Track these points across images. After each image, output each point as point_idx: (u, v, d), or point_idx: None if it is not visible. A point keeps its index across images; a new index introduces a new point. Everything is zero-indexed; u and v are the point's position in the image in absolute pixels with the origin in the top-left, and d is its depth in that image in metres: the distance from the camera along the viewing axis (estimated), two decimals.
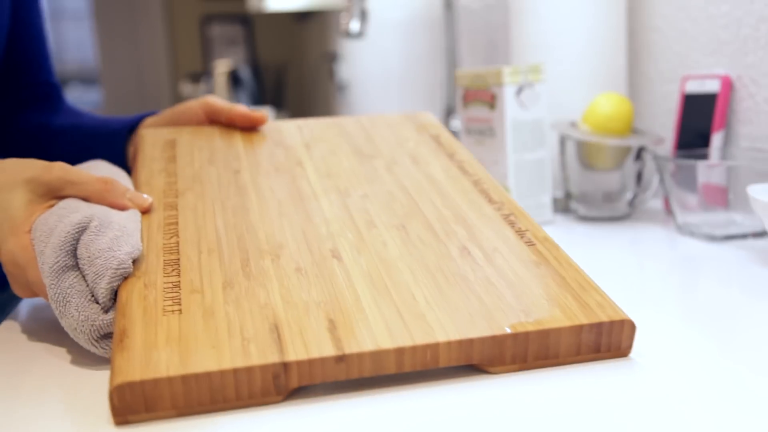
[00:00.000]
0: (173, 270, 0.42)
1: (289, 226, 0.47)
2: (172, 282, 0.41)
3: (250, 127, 0.64)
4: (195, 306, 0.39)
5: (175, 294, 0.40)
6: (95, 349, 0.41)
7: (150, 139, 0.59)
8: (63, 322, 0.42)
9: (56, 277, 0.41)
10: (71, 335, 0.42)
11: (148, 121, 0.68)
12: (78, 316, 0.41)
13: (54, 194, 0.47)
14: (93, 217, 0.43)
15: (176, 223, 0.47)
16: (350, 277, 0.42)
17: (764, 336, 0.42)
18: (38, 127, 0.76)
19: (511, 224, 0.48)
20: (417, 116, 0.66)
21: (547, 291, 0.41)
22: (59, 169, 0.48)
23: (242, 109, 0.65)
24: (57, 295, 0.41)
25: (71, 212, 0.44)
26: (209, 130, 0.62)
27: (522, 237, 0.47)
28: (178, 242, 0.45)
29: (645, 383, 0.37)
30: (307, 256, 0.44)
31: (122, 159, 0.69)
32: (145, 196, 0.49)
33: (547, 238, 0.47)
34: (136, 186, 0.52)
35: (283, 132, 0.62)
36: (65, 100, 0.80)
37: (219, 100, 0.66)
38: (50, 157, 0.75)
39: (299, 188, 0.52)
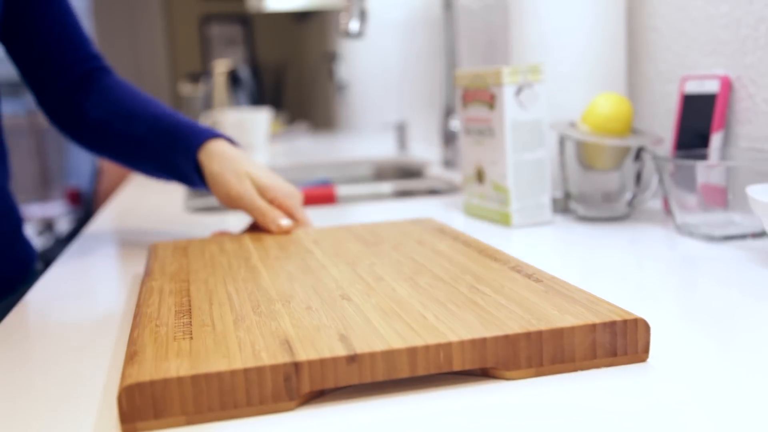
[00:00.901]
0: (184, 315, 0.44)
1: (300, 285, 0.49)
2: (183, 322, 0.43)
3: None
4: (206, 334, 0.40)
5: (186, 328, 0.41)
6: None
7: (162, 246, 0.65)
8: None
9: None
10: None
11: (207, 155, 0.73)
12: None
13: None
14: None
15: (188, 290, 0.50)
16: (361, 310, 0.43)
17: (765, 337, 0.42)
18: (100, 122, 0.78)
19: (518, 272, 0.50)
20: (420, 220, 0.71)
21: (557, 306, 0.42)
22: None
23: (279, 224, 0.69)
24: None
25: None
26: (219, 238, 0.68)
27: (529, 278, 0.48)
28: (189, 300, 0.47)
29: (658, 386, 0.37)
30: (317, 300, 0.46)
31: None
32: None
33: (555, 277, 0.48)
34: (150, 273, 0.55)
35: (291, 234, 0.68)
36: (113, 72, 0.82)
37: (255, 199, 0.71)
38: (119, 147, 0.78)
39: (309, 265, 0.55)
